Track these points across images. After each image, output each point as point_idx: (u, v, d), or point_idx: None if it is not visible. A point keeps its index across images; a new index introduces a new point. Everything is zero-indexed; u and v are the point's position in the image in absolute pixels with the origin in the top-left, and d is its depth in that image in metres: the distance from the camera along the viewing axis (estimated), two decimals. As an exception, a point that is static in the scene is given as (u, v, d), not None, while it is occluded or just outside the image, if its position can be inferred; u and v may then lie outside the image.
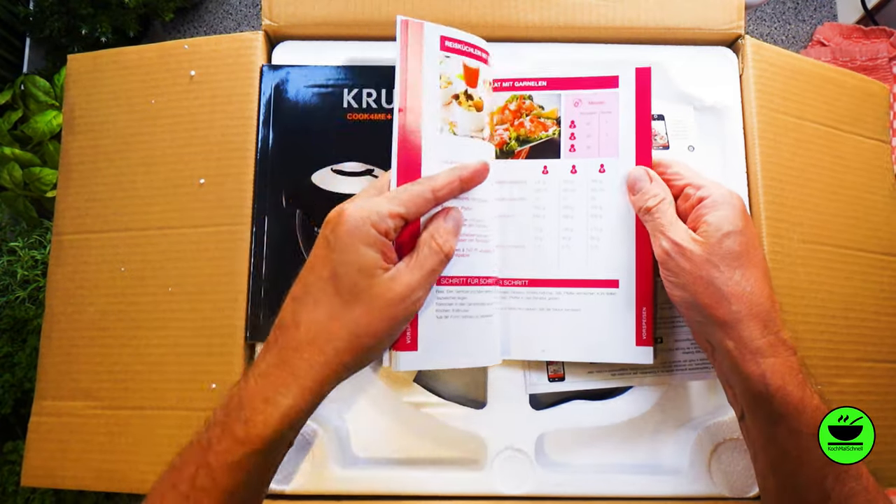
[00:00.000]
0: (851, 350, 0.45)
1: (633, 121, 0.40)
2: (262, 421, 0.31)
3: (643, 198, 0.37)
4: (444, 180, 0.35)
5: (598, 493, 0.42)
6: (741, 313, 0.33)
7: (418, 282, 0.33)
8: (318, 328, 0.32)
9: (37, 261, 0.75)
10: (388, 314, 0.32)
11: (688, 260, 0.34)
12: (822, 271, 0.46)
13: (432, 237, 0.34)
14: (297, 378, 0.31)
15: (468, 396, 0.46)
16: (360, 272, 0.32)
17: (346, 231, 0.32)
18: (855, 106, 0.50)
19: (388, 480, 0.42)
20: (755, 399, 0.32)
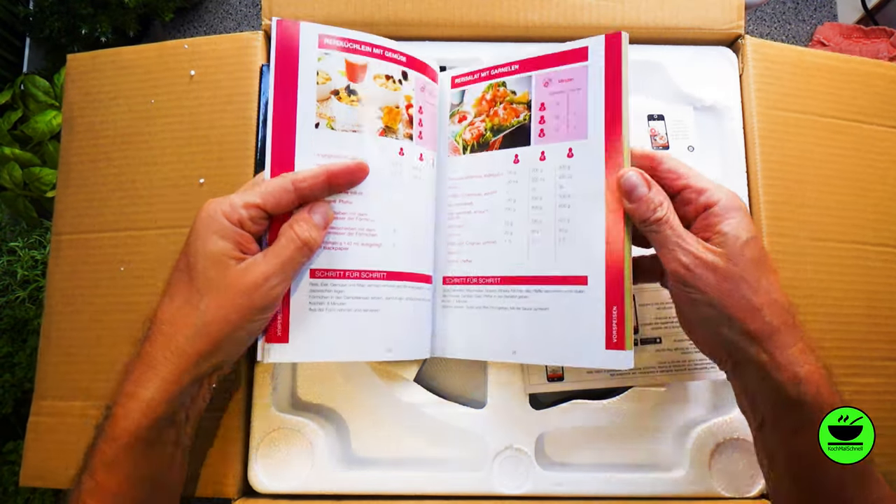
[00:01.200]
0: (874, 349, 0.44)
1: (602, 96, 0.36)
2: (125, 415, 0.31)
3: (647, 207, 0.33)
4: (308, 174, 0.34)
5: (598, 493, 0.42)
6: (774, 323, 0.31)
7: (273, 270, 0.32)
8: (172, 319, 0.32)
9: (37, 261, 0.75)
10: (239, 303, 0.32)
11: (713, 273, 0.31)
12: (837, 269, 0.45)
13: (291, 226, 0.34)
14: (156, 371, 0.32)
15: (468, 396, 0.46)
16: (210, 261, 0.32)
17: (200, 222, 0.33)
18: (880, 96, 0.48)
19: (388, 480, 0.42)
20: (785, 408, 0.31)
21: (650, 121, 0.47)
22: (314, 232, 0.34)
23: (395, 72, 0.39)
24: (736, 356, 0.33)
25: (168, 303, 0.33)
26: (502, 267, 0.39)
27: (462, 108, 0.42)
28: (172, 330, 0.32)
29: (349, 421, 0.44)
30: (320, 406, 0.45)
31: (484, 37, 0.49)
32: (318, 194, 0.35)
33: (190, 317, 0.32)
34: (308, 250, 0.34)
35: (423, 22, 0.47)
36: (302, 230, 0.34)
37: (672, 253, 0.32)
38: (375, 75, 0.39)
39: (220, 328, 0.32)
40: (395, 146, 0.39)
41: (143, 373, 0.32)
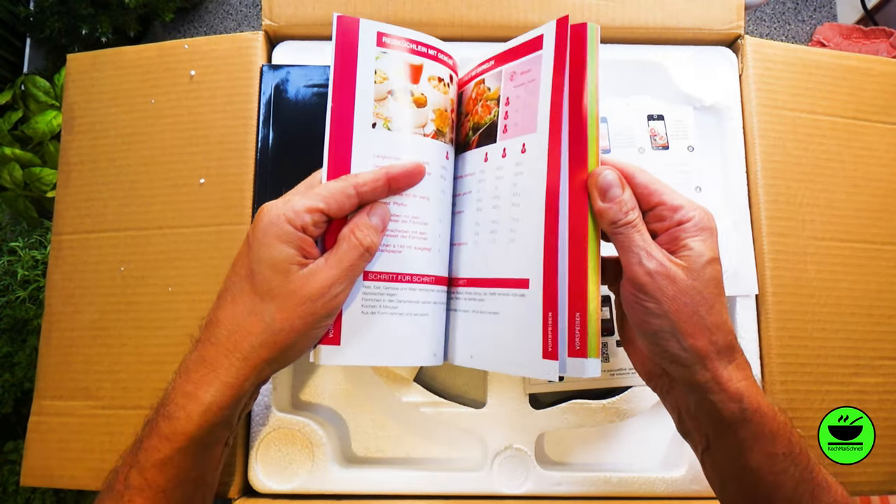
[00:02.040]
0: (876, 348, 0.44)
1: (549, 86, 0.34)
2: (185, 416, 0.31)
3: (620, 209, 0.32)
4: (368, 177, 0.34)
5: (597, 493, 0.42)
6: (719, 343, 0.31)
7: (336, 277, 0.32)
8: (236, 325, 0.32)
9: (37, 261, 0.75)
10: (303, 310, 0.31)
11: (674, 285, 0.31)
12: (840, 268, 0.45)
13: (352, 231, 0.33)
14: (218, 374, 0.31)
15: (468, 396, 0.46)
16: (274, 269, 0.31)
17: (262, 228, 0.32)
18: (883, 93, 0.48)
19: (388, 480, 0.42)
20: (727, 426, 0.31)
21: (650, 121, 0.47)
22: (375, 237, 0.33)
23: (444, 74, 0.38)
24: (675, 374, 0.33)
25: (230, 308, 0.32)
26: (469, 269, 0.37)
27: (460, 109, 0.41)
28: (237, 337, 0.32)
29: (349, 421, 0.44)
30: (320, 406, 0.45)
31: (484, 37, 0.49)
32: (377, 197, 0.35)
33: (255, 325, 0.32)
34: (369, 255, 0.33)
35: (423, 22, 0.48)
36: (364, 235, 0.33)
37: (636, 258, 0.31)
38: (430, 77, 0.38)
39: (286, 337, 0.31)
40: (444, 150, 0.38)
41: (204, 375, 0.32)
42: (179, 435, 0.31)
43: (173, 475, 0.31)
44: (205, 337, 0.33)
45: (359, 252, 0.33)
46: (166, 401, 0.32)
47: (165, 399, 0.33)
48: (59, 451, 0.43)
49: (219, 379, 0.31)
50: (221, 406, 0.31)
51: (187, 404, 0.31)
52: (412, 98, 0.37)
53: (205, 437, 0.32)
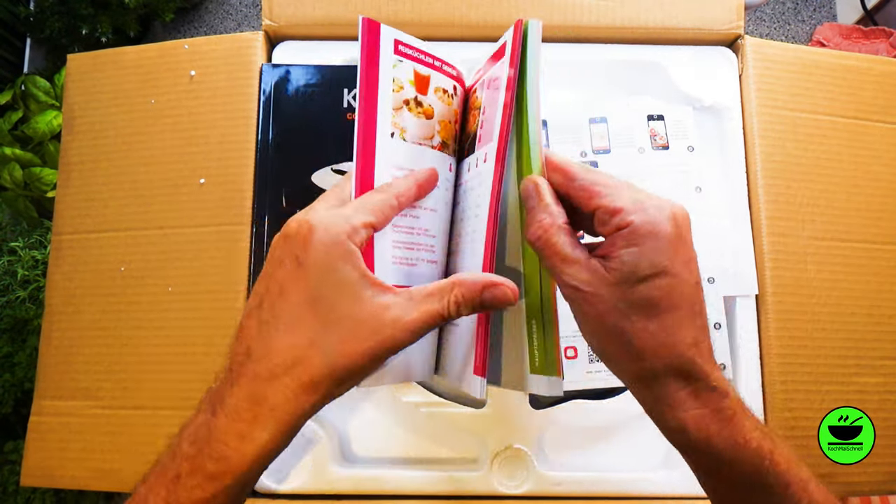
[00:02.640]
0: (876, 348, 0.44)
1: (502, 94, 0.32)
2: (238, 459, 0.28)
3: (528, 226, 0.29)
4: (404, 186, 0.32)
5: (597, 492, 0.42)
6: (657, 369, 0.27)
7: (417, 319, 0.29)
8: (295, 357, 0.28)
9: (37, 261, 0.75)
10: (367, 347, 0.28)
11: (592, 307, 0.27)
12: (840, 268, 0.45)
13: (454, 287, 0.29)
14: (274, 412, 0.28)
15: (468, 396, 0.46)
16: (341, 293, 0.28)
17: (323, 248, 0.28)
18: (883, 93, 0.48)
19: (389, 480, 0.42)
20: (683, 450, 0.29)
21: (650, 121, 0.47)
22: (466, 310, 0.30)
23: (449, 86, 0.38)
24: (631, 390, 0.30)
25: (285, 336, 0.29)
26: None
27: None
28: (298, 370, 0.28)
29: (349, 420, 0.44)
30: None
31: (484, 37, 0.49)
32: (408, 205, 0.33)
33: (317, 358, 0.28)
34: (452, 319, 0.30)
35: (423, 22, 0.48)
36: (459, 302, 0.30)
37: (557, 277, 0.29)
38: (436, 88, 0.37)
39: (343, 373, 0.29)
40: (448, 162, 0.37)
41: (258, 414, 0.28)
42: (229, 475, 0.28)
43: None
44: (252, 370, 0.29)
45: (443, 313, 0.29)
46: (210, 438, 0.29)
47: (208, 436, 0.29)
48: (59, 451, 0.43)
49: (273, 417, 0.28)
50: (276, 444, 0.29)
51: (241, 446, 0.28)
52: (423, 109, 0.37)
53: (254, 476, 0.29)
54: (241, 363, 0.29)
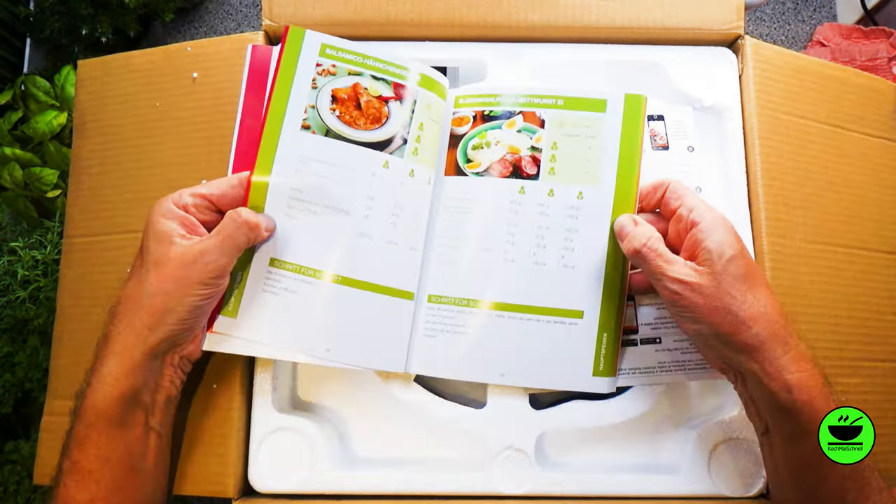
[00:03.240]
0: (856, 350, 0.45)
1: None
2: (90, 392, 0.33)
3: (632, 241, 0.36)
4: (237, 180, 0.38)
5: (597, 493, 0.42)
6: (762, 335, 0.33)
7: (213, 245, 0.35)
8: (126, 297, 0.35)
9: (37, 261, 0.75)
10: (178, 274, 0.34)
11: (699, 294, 0.33)
12: (827, 271, 0.45)
13: (237, 210, 0.36)
14: (111, 347, 0.34)
15: (468, 396, 0.46)
16: (158, 240, 0.35)
17: (153, 210, 0.36)
18: (860, 104, 0.49)
19: (388, 480, 0.42)
20: (782, 414, 0.33)
21: (650, 121, 0.47)
22: (255, 217, 0.36)
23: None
24: (734, 367, 0.35)
25: (127, 285, 0.36)
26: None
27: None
28: (125, 308, 0.35)
29: (349, 421, 0.44)
30: (320, 406, 0.45)
31: (484, 37, 0.49)
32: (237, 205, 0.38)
33: (138, 292, 0.34)
34: (250, 231, 0.36)
35: (423, 22, 0.48)
36: (246, 212, 0.36)
37: (661, 281, 0.35)
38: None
39: (161, 300, 0.34)
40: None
41: (101, 350, 0.34)
42: (89, 411, 0.33)
43: (94, 454, 0.33)
44: (107, 318, 0.35)
45: (235, 224, 0.35)
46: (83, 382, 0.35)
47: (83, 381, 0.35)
48: (60, 451, 0.43)
49: (112, 352, 0.34)
50: (119, 377, 0.33)
51: (92, 381, 0.34)
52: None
53: (112, 413, 0.33)
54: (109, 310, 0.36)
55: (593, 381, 0.40)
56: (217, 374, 0.43)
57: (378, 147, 0.40)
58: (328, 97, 0.40)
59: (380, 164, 0.40)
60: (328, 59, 0.40)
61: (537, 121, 0.42)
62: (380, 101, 0.40)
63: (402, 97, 0.41)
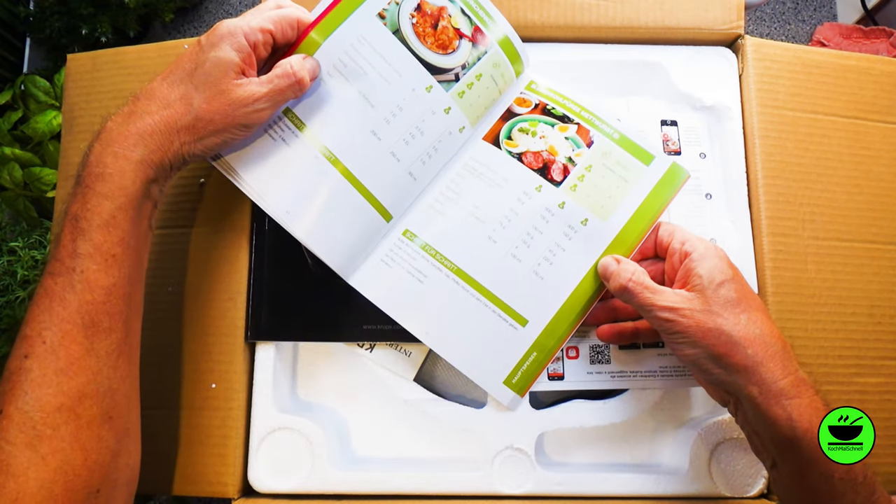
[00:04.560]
0: (877, 348, 0.44)
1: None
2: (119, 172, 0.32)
3: (617, 277, 0.37)
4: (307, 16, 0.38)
5: (598, 492, 0.42)
6: (758, 356, 0.32)
7: (262, 94, 0.35)
8: (167, 103, 0.34)
9: (37, 261, 0.75)
10: (227, 109, 0.34)
11: (690, 318, 0.33)
12: (840, 268, 0.45)
13: (288, 64, 0.36)
14: (143, 138, 0.33)
15: (468, 396, 0.46)
16: (217, 67, 0.34)
17: (219, 34, 0.35)
18: (885, 92, 0.48)
19: (388, 480, 0.42)
20: (785, 445, 0.32)
21: (663, 126, 0.47)
22: (305, 73, 0.36)
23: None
24: (732, 392, 0.34)
25: (166, 87, 0.35)
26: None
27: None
28: (166, 112, 0.34)
29: (349, 421, 0.44)
30: (320, 406, 0.45)
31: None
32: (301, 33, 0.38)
33: (183, 107, 0.34)
34: (297, 86, 0.36)
35: (423, 22, 0.47)
36: (295, 71, 0.36)
37: (651, 312, 0.35)
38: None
39: (204, 126, 0.34)
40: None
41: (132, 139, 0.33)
42: (119, 192, 0.32)
43: (119, 238, 0.32)
44: (133, 109, 0.34)
45: (288, 82, 0.36)
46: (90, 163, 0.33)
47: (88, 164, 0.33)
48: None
49: (143, 139, 0.33)
50: (149, 165, 0.33)
51: (117, 162, 0.33)
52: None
53: (139, 199, 0.33)
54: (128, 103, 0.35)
55: (499, 387, 0.40)
56: (217, 374, 0.42)
57: (431, 70, 0.40)
58: (414, 3, 0.40)
59: (423, 85, 0.40)
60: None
61: (587, 139, 0.42)
62: (455, 33, 0.41)
63: (477, 41, 0.41)
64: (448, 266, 0.40)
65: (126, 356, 0.33)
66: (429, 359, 0.45)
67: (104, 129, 0.34)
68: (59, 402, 0.30)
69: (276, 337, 0.43)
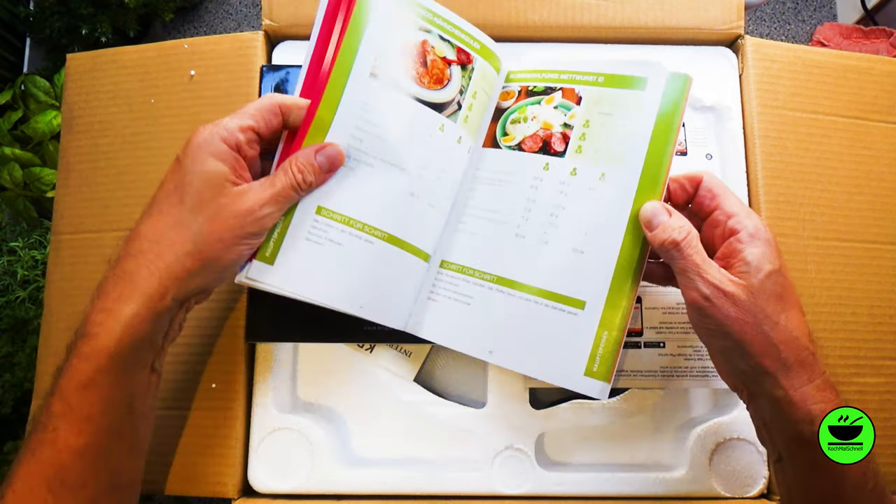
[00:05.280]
0: (877, 348, 0.44)
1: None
2: (105, 333, 0.30)
3: (664, 231, 0.33)
4: (291, 101, 0.35)
5: (598, 493, 0.42)
6: (789, 361, 0.31)
7: (266, 200, 0.32)
8: (160, 235, 0.31)
9: (37, 261, 0.75)
10: (232, 224, 0.32)
11: (733, 305, 0.31)
12: (840, 268, 0.45)
13: (290, 164, 0.34)
14: (137, 286, 0.31)
15: (468, 396, 0.46)
16: (207, 183, 0.32)
17: (196, 144, 0.32)
18: (885, 92, 0.48)
19: (388, 480, 0.42)
20: (800, 444, 0.31)
21: None
22: (310, 176, 0.34)
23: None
24: (751, 388, 0.33)
25: (155, 221, 0.32)
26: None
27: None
28: (159, 248, 0.31)
29: (349, 421, 0.44)
30: (320, 406, 0.45)
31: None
32: (296, 124, 0.35)
33: (181, 235, 0.31)
34: (302, 186, 0.34)
35: (423, 22, 0.47)
36: (299, 170, 0.34)
37: (692, 282, 0.32)
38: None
39: (211, 248, 0.31)
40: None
41: (123, 290, 0.31)
42: (100, 353, 0.30)
43: (97, 399, 0.30)
44: (124, 253, 0.32)
45: (291, 184, 0.33)
46: (83, 322, 0.31)
47: (83, 321, 0.31)
48: (59, 452, 0.43)
49: (140, 292, 0.30)
50: (142, 320, 0.30)
51: (106, 320, 0.30)
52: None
53: (127, 356, 0.31)
54: (119, 249, 0.32)
55: (583, 381, 0.36)
56: (217, 374, 0.42)
57: (437, 108, 0.39)
58: (397, 49, 0.38)
59: (437, 126, 0.39)
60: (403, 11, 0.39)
61: (575, 97, 0.40)
62: (444, 63, 0.39)
63: (464, 62, 0.40)
64: (487, 278, 0.39)
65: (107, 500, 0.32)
66: (429, 359, 0.45)
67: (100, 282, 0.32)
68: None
69: (276, 337, 0.43)
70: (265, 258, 0.35)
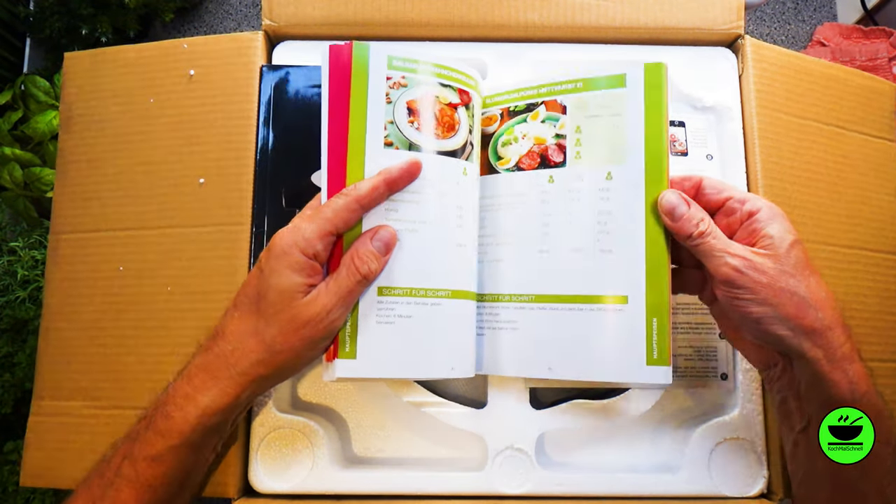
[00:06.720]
0: (870, 351, 0.44)
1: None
2: (182, 416, 0.34)
3: (689, 223, 0.35)
4: (368, 189, 0.35)
5: (598, 492, 0.42)
6: (827, 319, 0.32)
7: (334, 304, 0.34)
8: (239, 341, 0.34)
9: (37, 261, 0.75)
10: (302, 334, 0.33)
11: (763, 273, 0.33)
12: (826, 271, 0.45)
13: (352, 259, 0.34)
14: (218, 381, 0.34)
15: (468, 396, 0.46)
16: (281, 295, 0.34)
17: (275, 256, 0.34)
18: (860, 104, 0.49)
19: (388, 480, 0.42)
20: (835, 405, 0.32)
21: (670, 126, 0.47)
22: (374, 263, 0.35)
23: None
24: (790, 353, 0.34)
25: (237, 324, 0.35)
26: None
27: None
28: (238, 353, 0.34)
29: (349, 421, 0.44)
30: (320, 406, 0.45)
31: (484, 37, 0.49)
32: (380, 201, 0.36)
33: (257, 345, 0.34)
34: (366, 281, 0.35)
35: (423, 22, 0.48)
36: (361, 263, 0.34)
37: (720, 259, 0.33)
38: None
39: (284, 357, 0.34)
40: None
41: (204, 381, 0.34)
42: (175, 433, 0.33)
43: (162, 472, 0.33)
44: (209, 346, 0.35)
45: (356, 279, 0.34)
46: (166, 400, 0.34)
47: (165, 398, 0.35)
48: (58, 452, 0.43)
49: (218, 387, 0.34)
50: (216, 411, 0.34)
51: (185, 405, 0.34)
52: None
53: (197, 439, 0.34)
54: (208, 338, 0.36)
55: (648, 370, 0.36)
56: (217, 374, 0.42)
57: (454, 155, 0.39)
58: (404, 110, 0.38)
59: (461, 172, 0.39)
60: (397, 71, 0.38)
61: (559, 108, 0.40)
62: (450, 108, 0.39)
63: (467, 102, 0.40)
64: (525, 300, 0.39)
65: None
66: (429, 359, 0.45)
67: (187, 364, 0.35)
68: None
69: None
70: (347, 354, 0.36)
